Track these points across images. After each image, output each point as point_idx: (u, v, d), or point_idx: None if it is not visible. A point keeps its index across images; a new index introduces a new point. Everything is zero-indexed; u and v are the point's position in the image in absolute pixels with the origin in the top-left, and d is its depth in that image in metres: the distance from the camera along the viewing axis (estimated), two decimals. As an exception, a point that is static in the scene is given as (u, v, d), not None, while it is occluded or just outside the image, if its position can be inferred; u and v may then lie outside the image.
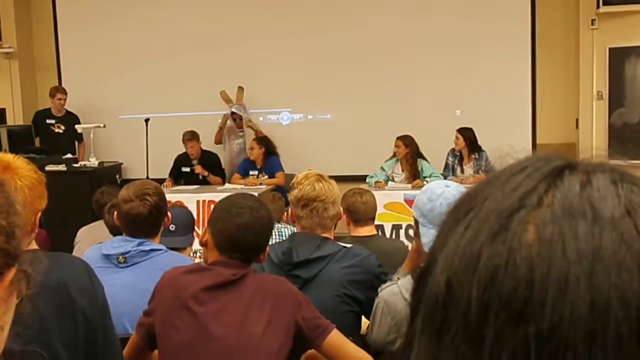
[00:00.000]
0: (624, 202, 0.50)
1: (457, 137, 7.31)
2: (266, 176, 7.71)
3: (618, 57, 7.50)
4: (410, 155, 7.29)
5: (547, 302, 0.47)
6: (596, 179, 0.52)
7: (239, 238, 2.29)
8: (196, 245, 4.79)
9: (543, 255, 0.48)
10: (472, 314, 0.49)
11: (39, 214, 1.96)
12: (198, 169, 7.88)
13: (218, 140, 8.47)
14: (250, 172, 7.78)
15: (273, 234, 2.79)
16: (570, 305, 0.47)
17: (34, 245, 2.01)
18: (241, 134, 8.43)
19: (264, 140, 7.86)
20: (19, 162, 1.91)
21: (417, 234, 2.43)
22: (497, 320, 0.48)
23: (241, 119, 8.34)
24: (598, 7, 7.43)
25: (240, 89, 8.45)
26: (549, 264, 0.48)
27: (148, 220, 2.83)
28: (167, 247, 2.95)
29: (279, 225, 4.60)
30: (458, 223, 0.54)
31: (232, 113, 8.35)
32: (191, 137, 7.90)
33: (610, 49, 7.53)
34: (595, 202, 0.50)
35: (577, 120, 7.90)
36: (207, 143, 8.18)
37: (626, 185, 0.52)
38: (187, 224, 3.53)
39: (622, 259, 0.48)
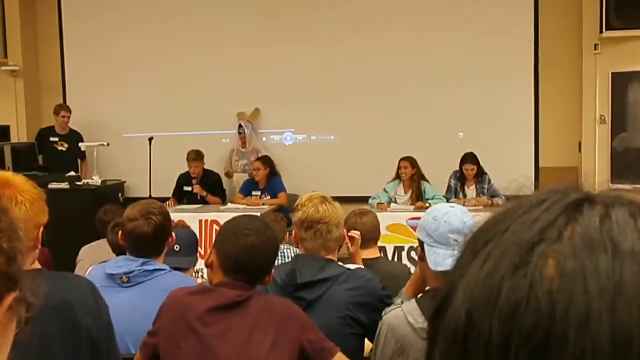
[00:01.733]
0: None
1: (471, 169, 7.28)
2: (269, 196, 7.72)
3: (621, 82, 7.52)
4: (416, 176, 7.31)
5: (569, 337, 0.47)
6: (615, 213, 0.53)
7: (245, 260, 2.29)
8: (199, 265, 4.79)
9: (564, 290, 0.49)
10: (493, 346, 0.49)
11: (41, 228, 1.97)
12: (197, 189, 7.88)
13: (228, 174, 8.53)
14: (253, 192, 7.80)
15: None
16: (592, 340, 0.47)
17: (36, 264, 2.01)
18: (244, 150, 8.48)
19: (268, 161, 7.89)
20: (18, 178, 1.93)
21: (421, 257, 2.42)
22: (519, 354, 0.48)
23: (246, 133, 8.46)
24: (601, 32, 7.47)
25: (257, 109, 8.68)
26: (571, 298, 0.48)
27: (152, 239, 2.84)
28: (172, 267, 2.95)
29: (281, 245, 4.59)
30: (476, 254, 0.54)
31: (239, 126, 8.48)
32: (196, 157, 7.92)
33: (613, 74, 7.55)
34: (615, 236, 0.50)
35: (579, 143, 7.91)
36: (208, 161, 8.19)
37: None
38: (191, 244, 3.52)
39: None
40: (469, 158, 7.31)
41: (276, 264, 2.64)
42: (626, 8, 7.31)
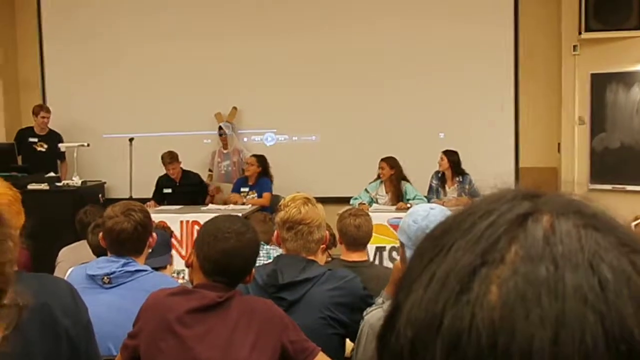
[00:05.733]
0: (587, 255, 0.49)
1: (441, 159, 7.35)
2: (255, 195, 7.72)
3: (600, 83, 7.58)
4: (395, 176, 7.33)
5: None
6: (560, 226, 0.51)
7: (224, 263, 2.28)
8: (180, 265, 4.77)
9: (506, 320, 0.47)
10: None
11: (18, 231, 1.96)
12: (213, 191, 7.80)
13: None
14: (242, 189, 7.80)
15: (262, 255, 2.76)
16: None
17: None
18: (226, 152, 8.46)
19: (262, 161, 7.88)
20: None
21: (403, 258, 2.43)
22: None
23: (227, 135, 8.43)
24: (580, 33, 7.52)
25: (234, 109, 8.61)
26: (512, 330, 0.47)
27: (133, 236, 2.82)
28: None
29: (268, 246, 4.57)
30: (422, 271, 0.53)
31: (219, 128, 8.44)
32: (171, 159, 7.81)
33: (592, 75, 7.61)
34: (558, 256, 0.49)
35: (559, 144, 7.97)
36: (190, 163, 8.16)
37: (590, 232, 0.51)
38: (162, 243, 3.50)
39: (584, 321, 0.46)
40: (446, 152, 7.37)
41: (262, 264, 2.64)
42: (605, 10, 7.37)
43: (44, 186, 7.38)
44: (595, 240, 0.50)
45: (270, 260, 3.92)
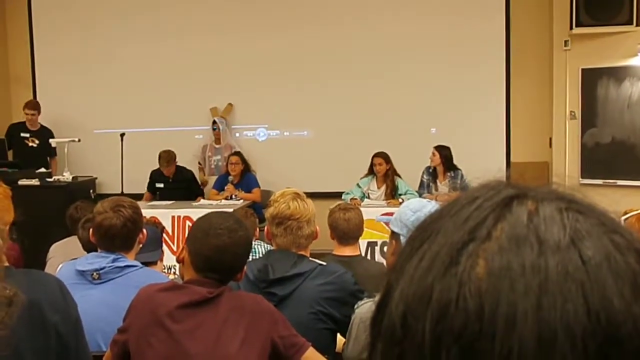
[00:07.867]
0: (569, 232, 0.51)
1: (433, 154, 7.37)
2: (242, 191, 7.70)
3: (590, 78, 7.60)
4: (390, 171, 7.35)
5: (496, 337, 0.48)
6: (543, 209, 0.53)
7: (216, 259, 2.28)
8: (171, 261, 4.76)
9: (492, 290, 0.49)
10: (426, 347, 0.50)
11: (8, 226, 1.95)
12: (230, 189, 7.73)
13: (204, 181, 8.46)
14: (226, 188, 7.78)
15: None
16: (519, 339, 0.48)
17: (5, 261, 1.99)
18: (218, 147, 8.45)
19: (243, 157, 7.87)
20: None
21: (395, 252, 2.43)
22: (449, 354, 0.49)
23: (220, 130, 8.42)
24: (571, 28, 7.53)
25: (230, 105, 8.62)
26: (498, 298, 0.49)
27: (122, 232, 2.81)
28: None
29: (252, 241, 4.55)
30: (413, 254, 0.55)
31: (214, 123, 8.43)
32: (168, 163, 7.78)
33: (583, 70, 7.62)
34: (541, 233, 0.51)
35: (550, 139, 7.99)
36: (182, 159, 8.14)
37: (572, 214, 0.53)
38: (153, 239, 3.49)
39: (566, 290, 0.49)
40: (437, 147, 7.39)
41: (252, 259, 2.64)
42: (596, 5, 7.37)
43: (35, 182, 7.35)
44: (577, 220, 0.53)
45: (254, 256, 3.94)
